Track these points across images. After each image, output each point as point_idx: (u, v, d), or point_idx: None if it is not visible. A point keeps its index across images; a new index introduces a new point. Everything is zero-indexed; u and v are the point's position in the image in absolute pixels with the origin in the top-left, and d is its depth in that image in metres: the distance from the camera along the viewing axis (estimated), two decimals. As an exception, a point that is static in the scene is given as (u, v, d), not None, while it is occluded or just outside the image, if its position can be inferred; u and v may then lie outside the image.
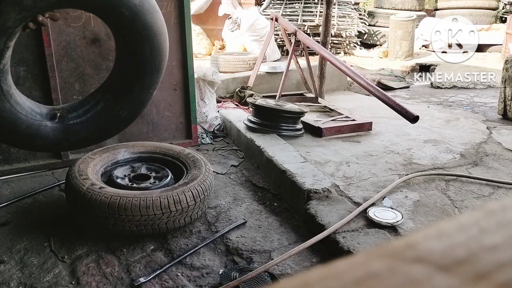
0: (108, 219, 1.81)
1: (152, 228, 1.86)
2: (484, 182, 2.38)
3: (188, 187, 1.94)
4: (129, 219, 1.81)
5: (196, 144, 3.18)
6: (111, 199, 1.80)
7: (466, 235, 0.24)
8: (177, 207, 1.87)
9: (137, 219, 1.81)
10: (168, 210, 1.85)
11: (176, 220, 1.90)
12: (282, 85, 3.95)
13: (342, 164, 2.62)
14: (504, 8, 9.85)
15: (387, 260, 0.23)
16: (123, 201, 1.79)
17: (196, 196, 1.94)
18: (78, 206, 1.90)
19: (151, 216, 1.82)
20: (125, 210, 1.79)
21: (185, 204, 1.90)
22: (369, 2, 10.96)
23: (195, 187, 1.96)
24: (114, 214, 1.80)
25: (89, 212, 1.84)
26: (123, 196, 1.82)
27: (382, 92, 3.02)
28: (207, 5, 6.15)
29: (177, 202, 1.87)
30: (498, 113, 3.89)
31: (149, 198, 1.82)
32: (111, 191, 1.87)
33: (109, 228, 1.84)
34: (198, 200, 1.95)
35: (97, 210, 1.81)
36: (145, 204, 1.80)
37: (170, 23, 2.89)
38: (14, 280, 1.68)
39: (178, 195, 1.88)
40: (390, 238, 1.80)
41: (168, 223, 1.89)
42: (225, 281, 1.63)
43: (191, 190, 1.93)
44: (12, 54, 2.47)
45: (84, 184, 1.89)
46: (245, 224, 2.09)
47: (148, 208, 1.81)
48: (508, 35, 6.98)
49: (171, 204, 1.85)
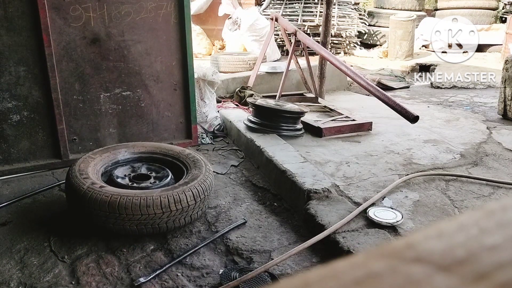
0: (108, 218, 1.81)
1: (152, 228, 1.86)
2: (484, 182, 2.38)
3: (188, 187, 1.94)
4: (129, 218, 1.81)
5: (196, 144, 3.18)
6: (112, 198, 1.80)
7: (466, 235, 0.24)
8: (177, 207, 1.87)
9: (137, 218, 1.81)
10: (168, 209, 1.85)
11: (176, 220, 1.90)
12: (282, 85, 3.95)
13: (342, 164, 2.62)
14: (504, 8, 9.85)
15: (387, 260, 0.23)
16: (123, 200, 1.79)
17: (196, 195, 1.94)
18: (78, 205, 1.90)
19: (152, 215, 1.82)
20: (125, 209, 1.79)
21: (185, 204, 1.90)
22: (369, 2, 10.96)
23: (195, 186, 1.96)
24: (114, 213, 1.80)
25: (90, 211, 1.85)
26: (123, 195, 1.82)
27: (382, 92, 3.02)
28: (207, 5, 6.15)
29: (177, 202, 1.87)
30: (498, 113, 3.89)
31: (149, 197, 1.82)
32: (112, 190, 1.87)
33: (109, 227, 1.84)
34: (198, 199, 1.95)
35: (97, 209, 1.81)
36: (145, 203, 1.80)
37: (170, 23, 2.89)
38: (14, 280, 1.68)
39: (179, 194, 1.88)
40: (390, 238, 1.79)
41: (168, 223, 1.89)
42: (225, 281, 1.63)
43: (191, 189, 1.93)
44: (12, 54, 2.49)
45: (84, 183, 1.89)
46: (245, 224, 2.09)
47: (148, 207, 1.81)
48: (508, 35, 6.98)
49: (171, 204, 1.85)
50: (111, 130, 2.87)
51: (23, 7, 2.45)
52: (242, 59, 4.77)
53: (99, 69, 2.74)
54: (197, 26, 5.88)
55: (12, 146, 2.62)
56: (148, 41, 2.86)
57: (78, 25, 2.62)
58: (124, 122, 2.90)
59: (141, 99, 2.93)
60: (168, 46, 2.93)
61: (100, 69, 2.74)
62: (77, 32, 2.64)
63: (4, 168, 2.61)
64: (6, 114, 2.56)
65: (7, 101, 2.54)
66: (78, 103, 2.74)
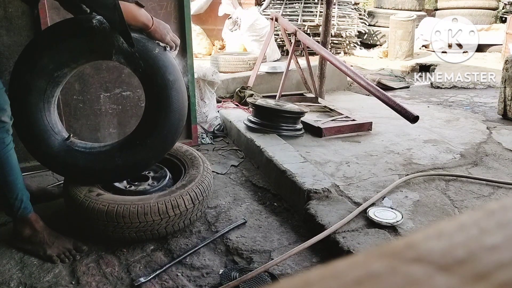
0: (107, 227, 1.81)
1: (151, 234, 1.86)
2: (484, 182, 2.38)
3: (186, 190, 1.92)
4: (128, 226, 1.80)
5: (196, 144, 3.18)
6: (109, 207, 1.79)
7: (466, 235, 0.24)
8: (175, 212, 1.86)
9: (136, 226, 1.81)
10: (166, 215, 1.84)
11: (175, 224, 1.90)
12: (282, 85, 3.95)
13: (342, 164, 2.62)
14: (504, 8, 9.85)
15: (387, 260, 0.23)
16: (120, 209, 1.78)
17: (194, 198, 1.93)
18: (76, 214, 1.91)
19: (150, 222, 1.82)
20: (123, 217, 1.78)
21: (184, 208, 1.89)
22: (369, 2, 10.96)
23: (193, 189, 1.94)
24: (112, 222, 1.79)
25: (88, 220, 1.85)
26: (120, 204, 1.80)
27: (382, 92, 3.02)
28: (207, 5, 6.15)
29: (175, 207, 1.85)
30: (498, 113, 3.89)
31: (146, 205, 1.81)
32: (108, 198, 1.86)
33: (108, 234, 1.84)
34: (197, 202, 1.94)
35: (95, 218, 1.81)
36: (143, 211, 1.79)
37: (170, 23, 2.89)
38: (14, 280, 1.68)
39: (176, 199, 1.87)
40: (390, 238, 1.80)
41: (168, 228, 1.88)
42: (225, 281, 1.63)
43: (189, 193, 1.92)
44: (12, 54, 2.48)
45: (81, 191, 1.89)
46: (245, 224, 2.09)
47: (146, 215, 1.80)
48: (508, 35, 6.98)
49: (169, 209, 1.84)
50: (111, 130, 2.87)
51: (23, 7, 2.45)
52: (242, 59, 4.77)
53: (99, 69, 2.74)
54: (197, 26, 5.88)
55: (12, 146, 2.62)
56: (148, 41, 2.85)
57: (78, 25, 2.62)
58: (124, 122, 2.90)
59: (141, 99, 2.92)
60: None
61: (100, 69, 2.74)
62: (77, 32, 2.64)
63: (4, 168, 2.61)
64: (6, 114, 2.56)
65: (7, 101, 2.54)
66: (78, 103, 2.74)
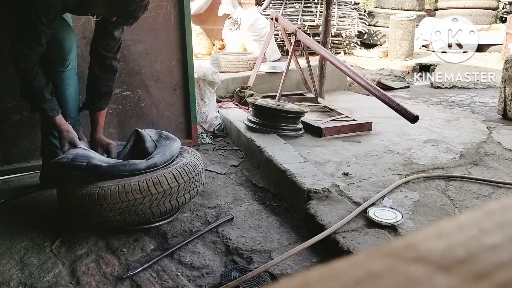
0: (92, 212, 1.85)
1: (136, 214, 1.87)
2: (484, 182, 2.38)
3: (169, 170, 1.95)
4: (111, 207, 1.83)
5: (196, 144, 3.18)
6: (91, 191, 1.83)
7: (466, 235, 0.24)
8: (157, 189, 1.87)
9: (118, 206, 1.83)
10: (148, 193, 1.85)
11: (160, 204, 1.90)
12: (282, 85, 3.95)
13: (342, 164, 2.62)
14: (504, 8, 9.86)
15: (387, 260, 0.23)
16: (102, 191, 1.82)
17: (178, 177, 1.94)
18: (66, 206, 1.97)
19: (132, 201, 1.84)
20: (105, 198, 1.82)
21: (167, 186, 1.90)
22: (369, 2, 10.96)
23: (176, 168, 1.96)
24: (95, 205, 1.83)
25: (75, 209, 1.90)
26: (101, 186, 1.85)
27: (382, 92, 3.02)
28: (207, 5, 6.15)
29: (157, 184, 1.87)
30: (498, 113, 3.89)
31: (127, 184, 1.84)
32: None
33: (94, 220, 1.87)
34: (182, 181, 1.95)
35: (81, 204, 1.85)
36: (123, 190, 1.82)
37: (170, 23, 2.89)
38: (14, 280, 1.68)
39: (158, 177, 1.89)
40: (390, 238, 1.80)
41: (152, 208, 1.89)
42: (225, 281, 1.63)
43: (172, 172, 1.94)
44: (12, 54, 2.48)
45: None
46: (233, 219, 2.11)
47: (127, 193, 1.83)
48: (508, 35, 6.98)
49: (151, 187, 1.86)
50: (111, 130, 2.87)
51: (23, 7, 2.45)
52: (242, 59, 4.77)
53: (99, 69, 2.73)
54: (197, 26, 5.88)
55: (12, 146, 2.63)
56: (148, 41, 2.86)
57: (78, 25, 2.62)
58: (124, 122, 2.90)
59: (141, 99, 2.93)
60: (168, 46, 2.93)
61: (100, 69, 2.74)
62: (77, 32, 2.63)
63: (4, 168, 2.61)
64: (6, 114, 2.56)
65: (7, 101, 2.54)
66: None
